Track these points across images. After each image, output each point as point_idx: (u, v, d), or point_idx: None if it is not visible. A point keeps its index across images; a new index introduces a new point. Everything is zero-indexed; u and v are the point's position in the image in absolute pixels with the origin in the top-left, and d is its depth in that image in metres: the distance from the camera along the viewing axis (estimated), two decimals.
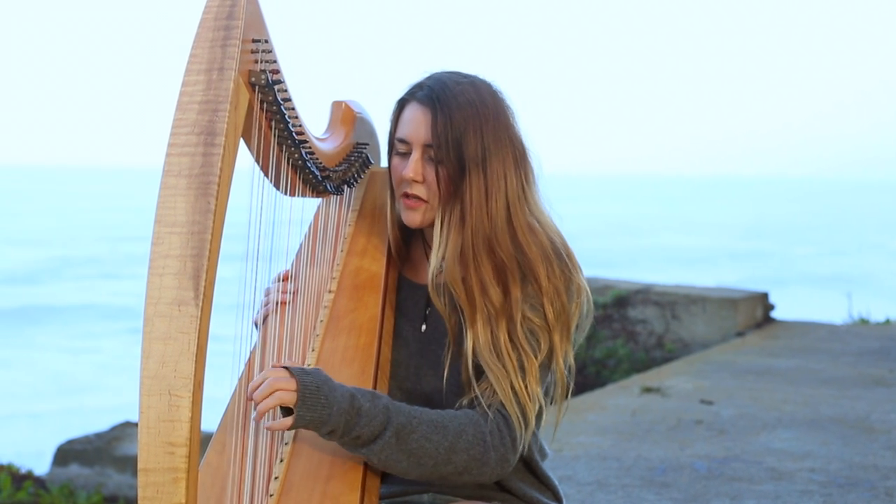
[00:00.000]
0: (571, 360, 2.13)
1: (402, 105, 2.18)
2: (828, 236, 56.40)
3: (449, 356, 2.12)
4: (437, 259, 2.10)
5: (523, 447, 2.06)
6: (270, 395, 1.89)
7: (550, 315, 2.07)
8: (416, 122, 2.12)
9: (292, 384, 1.90)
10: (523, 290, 2.08)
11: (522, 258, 2.08)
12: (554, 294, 2.08)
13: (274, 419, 1.94)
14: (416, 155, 2.12)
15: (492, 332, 2.05)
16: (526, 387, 2.03)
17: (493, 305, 2.06)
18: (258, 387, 1.90)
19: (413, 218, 2.16)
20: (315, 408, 1.91)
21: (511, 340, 2.05)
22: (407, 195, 2.15)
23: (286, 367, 1.93)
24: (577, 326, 2.13)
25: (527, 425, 2.04)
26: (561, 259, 2.11)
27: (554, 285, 2.08)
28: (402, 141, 2.15)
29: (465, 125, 2.08)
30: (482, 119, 2.09)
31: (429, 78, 2.16)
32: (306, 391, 1.90)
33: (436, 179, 2.11)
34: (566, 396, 2.14)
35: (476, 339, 2.06)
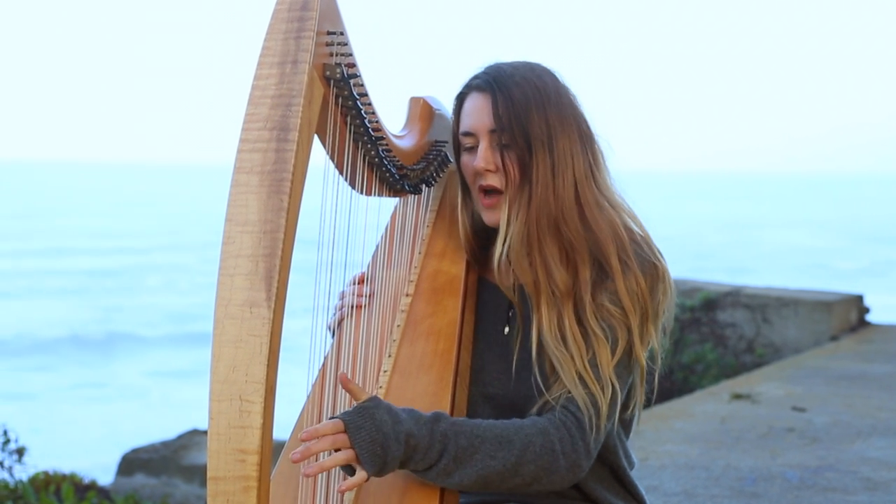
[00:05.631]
0: (657, 345, 2.03)
1: (461, 99, 2.13)
2: None
3: (534, 359, 2.03)
4: (502, 242, 2.03)
5: (596, 442, 1.96)
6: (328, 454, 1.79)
7: (626, 299, 1.98)
8: (478, 111, 2.07)
9: (346, 443, 1.79)
10: (596, 273, 2.00)
11: (590, 236, 2.01)
12: (627, 274, 1.99)
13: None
14: (483, 143, 2.07)
15: (557, 316, 1.98)
16: (594, 371, 1.94)
17: (558, 287, 1.99)
18: (312, 437, 1.78)
19: (495, 217, 2.09)
20: (374, 462, 1.80)
21: (580, 324, 1.98)
22: (484, 191, 2.09)
23: (340, 419, 1.81)
24: (661, 311, 2.04)
25: (597, 413, 1.94)
26: (634, 238, 2.04)
27: (625, 263, 1.99)
28: (467, 134, 2.10)
29: (526, 103, 2.02)
30: (543, 97, 2.03)
31: (484, 68, 2.11)
32: (362, 451, 1.79)
33: (507, 164, 2.04)
34: (646, 400, 2.06)
35: (541, 324, 1.99)
